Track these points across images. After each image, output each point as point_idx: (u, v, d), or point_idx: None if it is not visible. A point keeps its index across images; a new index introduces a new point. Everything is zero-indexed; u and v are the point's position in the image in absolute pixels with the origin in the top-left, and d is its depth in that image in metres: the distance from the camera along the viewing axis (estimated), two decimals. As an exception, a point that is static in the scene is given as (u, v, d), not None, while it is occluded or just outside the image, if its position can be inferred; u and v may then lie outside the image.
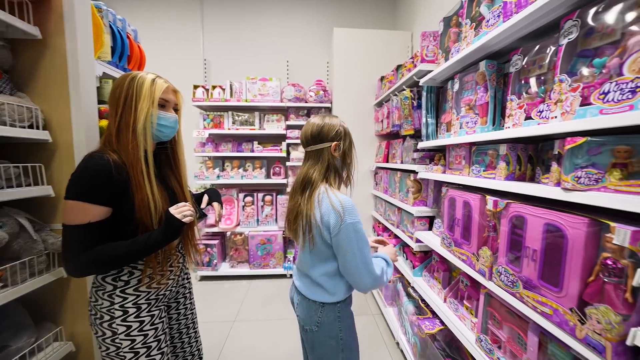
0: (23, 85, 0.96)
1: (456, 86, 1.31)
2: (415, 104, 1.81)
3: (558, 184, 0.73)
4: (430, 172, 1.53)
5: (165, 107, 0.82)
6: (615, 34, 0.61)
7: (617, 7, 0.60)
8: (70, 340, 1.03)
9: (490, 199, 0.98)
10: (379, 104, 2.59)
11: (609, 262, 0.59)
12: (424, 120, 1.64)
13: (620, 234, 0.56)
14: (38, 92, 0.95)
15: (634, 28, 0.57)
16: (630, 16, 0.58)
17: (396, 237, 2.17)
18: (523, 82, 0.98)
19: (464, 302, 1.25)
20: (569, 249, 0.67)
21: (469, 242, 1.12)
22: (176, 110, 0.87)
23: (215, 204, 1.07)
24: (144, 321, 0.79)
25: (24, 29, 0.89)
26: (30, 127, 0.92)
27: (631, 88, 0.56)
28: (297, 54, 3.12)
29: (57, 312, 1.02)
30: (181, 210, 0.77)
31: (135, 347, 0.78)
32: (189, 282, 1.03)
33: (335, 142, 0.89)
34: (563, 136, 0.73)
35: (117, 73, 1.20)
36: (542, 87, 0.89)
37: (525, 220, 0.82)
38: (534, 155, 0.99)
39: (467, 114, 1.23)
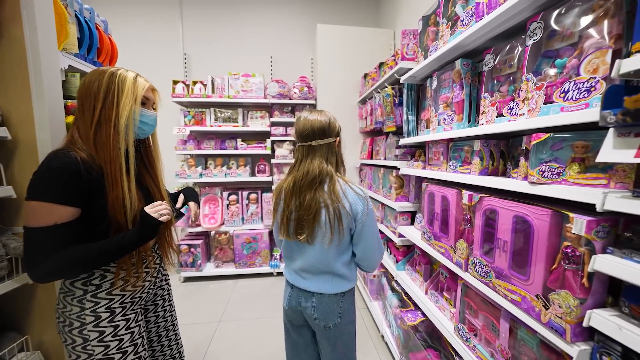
0: (-24, 79, 0.89)
1: (434, 84, 1.35)
2: (397, 101, 1.84)
3: (525, 177, 0.77)
4: (411, 168, 1.57)
5: (146, 105, 0.82)
6: (573, 36, 0.65)
7: (575, 11, 0.64)
8: (39, 349, 0.97)
9: (465, 193, 1.02)
10: (363, 101, 2.61)
11: (568, 250, 0.64)
12: (405, 117, 1.67)
13: (578, 224, 0.60)
14: (-6, 86, 0.88)
15: (589, 31, 0.61)
16: (585, 20, 0.61)
17: (380, 232, 2.21)
18: (495, 80, 1.02)
19: (444, 293, 1.29)
20: (535, 239, 0.71)
21: (447, 236, 1.16)
22: (154, 109, 0.87)
23: (191, 203, 1.04)
24: (118, 325, 0.77)
25: (-25, 17, 0.81)
26: (-13, 123, 0.86)
27: (587, 87, 0.59)
28: (281, 50, 3.08)
29: (23, 321, 0.95)
30: (157, 209, 0.76)
31: (109, 353, 0.75)
32: (168, 283, 1.01)
33: (338, 137, 0.95)
34: (530, 132, 0.77)
35: (85, 66, 1.13)
36: (512, 86, 0.93)
37: (497, 213, 0.87)
38: (506, 150, 1.04)
39: (444, 111, 1.26)
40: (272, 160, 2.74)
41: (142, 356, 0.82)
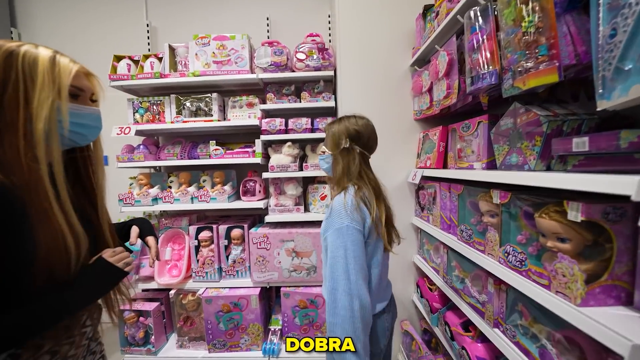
0: None
1: None
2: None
3: None
4: None
5: (79, 99, 0.60)
6: None
7: None
8: None
9: None
10: (421, 62, 1.42)
11: None
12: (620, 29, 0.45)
13: None
14: None
15: None
16: None
17: (483, 340, 0.96)
18: None
19: None
20: None
21: None
22: (93, 101, 0.64)
23: (150, 239, 0.83)
24: None
25: None
26: None
27: None
28: (282, 5, 2.05)
29: None
30: (121, 257, 0.63)
31: None
32: (99, 343, 0.71)
33: None
34: None
35: None
36: None
37: None
38: None
39: None
40: (265, 174, 1.66)
41: None
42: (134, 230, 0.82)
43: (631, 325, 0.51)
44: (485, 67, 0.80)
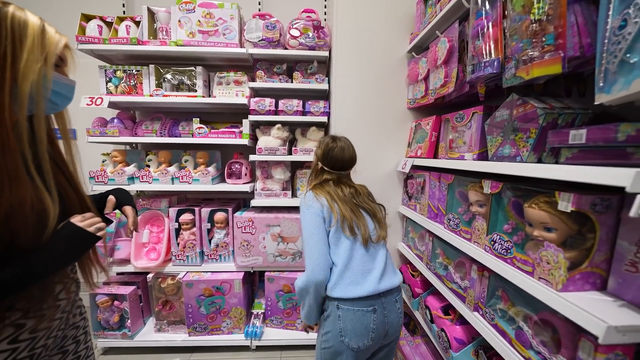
0: None
1: None
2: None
3: None
4: None
5: (60, 69, 0.60)
6: None
7: None
8: None
9: None
10: (419, 48, 1.40)
11: None
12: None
13: None
14: None
15: None
16: None
17: (462, 322, 1.01)
18: None
19: None
20: None
21: None
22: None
23: (127, 208, 0.79)
24: None
25: None
26: None
27: None
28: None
29: None
30: (92, 222, 0.61)
31: None
32: (84, 318, 0.71)
33: None
34: None
35: None
36: None
37: None
38: None
39: None
40: (252, 157, 1.59)
41: None
42: (110, 200, 0.79)
43: (605, 309, 0.55)
44: (488, 55, 0.78)
